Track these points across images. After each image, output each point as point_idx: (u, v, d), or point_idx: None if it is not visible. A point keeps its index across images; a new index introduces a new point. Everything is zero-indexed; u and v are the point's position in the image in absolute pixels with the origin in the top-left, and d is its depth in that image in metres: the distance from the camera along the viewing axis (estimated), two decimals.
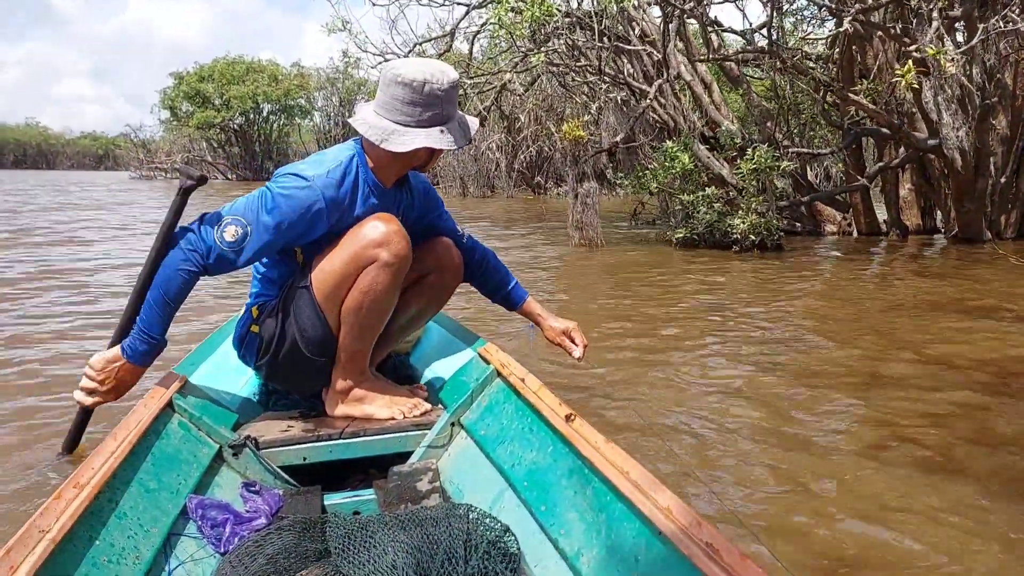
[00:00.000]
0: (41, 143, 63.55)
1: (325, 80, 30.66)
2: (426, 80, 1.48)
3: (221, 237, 1.42)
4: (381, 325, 1.59)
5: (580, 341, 1.77)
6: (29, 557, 0.87)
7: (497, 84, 9.08)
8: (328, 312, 1.53)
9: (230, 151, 33.32)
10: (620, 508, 1.07)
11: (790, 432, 2.15)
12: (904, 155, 7.98)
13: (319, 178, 1.48)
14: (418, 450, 1.56)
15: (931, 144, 7.08)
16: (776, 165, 6.83)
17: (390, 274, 1.49)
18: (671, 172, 7.26)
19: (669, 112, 8.10)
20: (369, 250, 1.47)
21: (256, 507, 1.28)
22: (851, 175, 8.54)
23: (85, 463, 1.09)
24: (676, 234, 7.33)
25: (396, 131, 1.49)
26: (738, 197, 7.10)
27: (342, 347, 1.56)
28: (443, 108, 1.52)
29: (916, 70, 5.08)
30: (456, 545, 1.14)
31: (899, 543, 1.51)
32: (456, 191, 18.42)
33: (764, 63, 7.98)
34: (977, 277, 5.39)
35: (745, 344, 3.25)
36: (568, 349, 1.78)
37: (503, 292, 1.84)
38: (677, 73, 7.81)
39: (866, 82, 7.21)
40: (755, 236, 6.80)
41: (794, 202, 8.15)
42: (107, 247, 6.83)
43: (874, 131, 7.87)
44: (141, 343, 1.43)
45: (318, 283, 1.52)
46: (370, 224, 1.49)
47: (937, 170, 8.13)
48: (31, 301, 4.08)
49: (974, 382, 2.65)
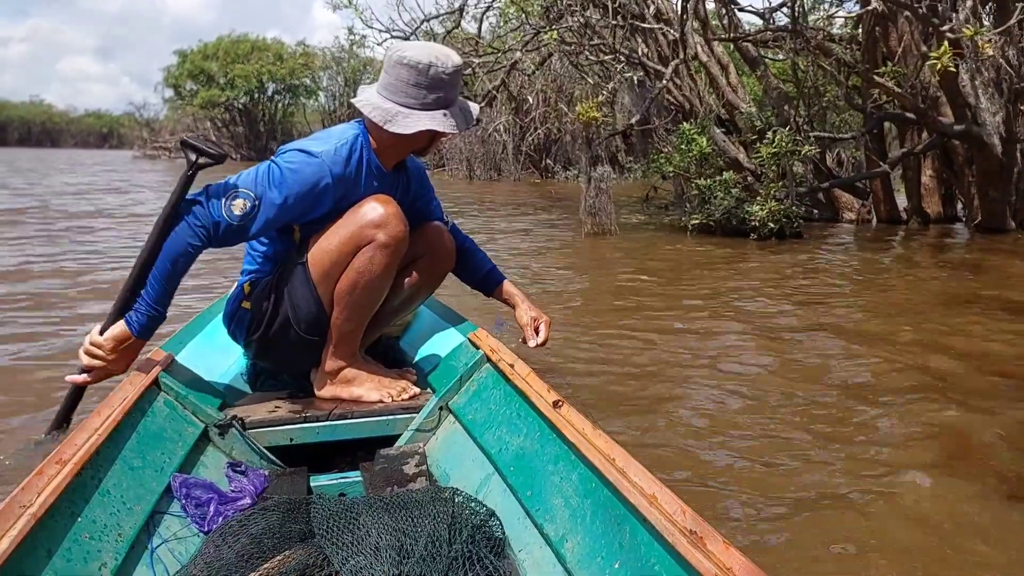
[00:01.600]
0: (45, 121, 64.10)
1: (330, 60, 30.62)
2: (432, 63, 1.51)
3: (229, 211, 1.44)
4: (374, 306, 1.62)
5: (543, 335, 1.79)
6: (10, 532, 0.89)
7: (506, 63, 9.03)
8: (322, 290, 1.56)
9: (234, 131, 33.40)
10: (605, 495, 1.09)
11: (828, 437, 2.06)
12: (928, 141, 7.87)
13: (327, 154, 1.51)
14: (406, 433, 1.58)
15: (958, 130, 6.97)
16: (797, 150, 6.72)
17: (386, 255, 1.52)
18: (688, 156, 7.17)
19: (685, 94, 8.03)
20: (366, 230, 1.50)
21: (241, 487, 1.31)
22: (872, 161, 8.44)
23: (68, 439, 1.12)
24: (691, 220, 7.21)
25: (400, 113, 1.52)
26: (756, 183, 7.03)
27: (334, 327, 1.59)
28: (447, 92, 1.55)
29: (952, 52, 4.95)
30: (440, 528, 1.16)
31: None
32: (462, 174, 18.39)
33: (786, 43, 7.86)
34: (1008, 269, 5.27)
35: (766, 339, 3.18)
36: (527, 336, 1.80)
37: (481, 275, 1.88)
38: (694, 53, 7.72)
39: (891, 64, 7.09)
40: (774, 224, 6.71)
41: (813, 188, 8.04)
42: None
43: (898, 116, 7.76)
44: (148, 318, 1.43)
45: (314, 261, 1.54)
46: (368, 205, 1.52)
47: (961, 157, 8.02)
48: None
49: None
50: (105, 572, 1.00)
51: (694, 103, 7.92)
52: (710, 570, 0.84)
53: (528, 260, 5.47)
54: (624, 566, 0.98)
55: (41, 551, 0.94)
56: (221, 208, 1.44)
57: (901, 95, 7.10)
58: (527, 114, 18.40)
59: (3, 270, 4.48)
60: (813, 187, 8.06)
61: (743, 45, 8.25)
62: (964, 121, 6.87)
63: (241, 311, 1.64)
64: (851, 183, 8.82)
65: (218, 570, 1.08)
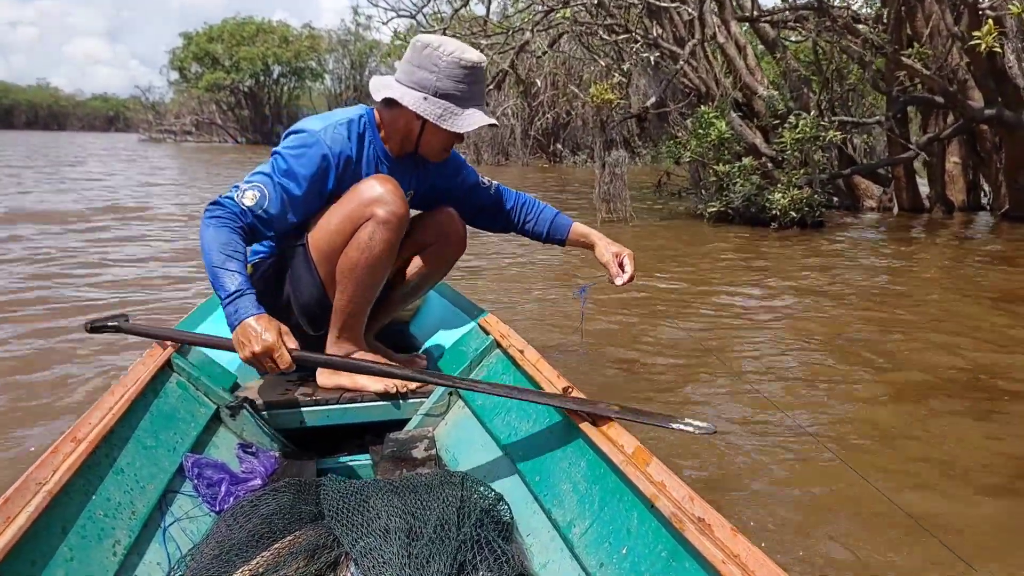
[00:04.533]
0: (52, 104, 64.71)
1: (336, 42, 30.60)
2: (479, 61, 1.56)
3: (242, 202, 1.49)
4: (377, 286, 1.62)
5: (629, 269, 1.76)
6: (26, 508, 0.93)
7: (516, 44, 8.98)
8: (323, 271, 1.58)
9: (240, 114, 33.53)
10: (613, 480, 1.11)
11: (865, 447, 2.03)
12: (955, 125, 7.75)
13: (324, 131, 1.55)
14: (415, 418, 1.62)
15: (988, 114, 6.84)
16: (821, 135, 6.58)
17: (387, 231, 1.53)
18: (705, 141, 7.05)
19: (701, 76, 7.94)
20: (365, 207, 1.52)
21: (252, 468, 1.34)
22: (897, 146, 8.29)
23: (83, 418, 1.15)
24: (709, 208, 7.12)
25: (449, 109, 1.55)
26: (776, 169, 6.93)
27: (336, 309, 1.60)
28: (483, 86, 1.61)
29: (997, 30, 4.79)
30: (449, 512, 1.19)
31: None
32: (470, 158, 18.41)
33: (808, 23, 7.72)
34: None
35: (792, 336, 3.16)
36: (612, 273, 1.76)
37: (548, 226, 1.85)
38: (712, 33, 7.63)
39: (917, 45, 6.96)
40: (795, 212, 6.61)
41: (835, 175, 7.91)
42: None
43: (925, 99, 7.65)
44: (246, 298, 1.39)
45: (314, 241, 1.57)
46: (366, 183, 1.55)
47: (988, 142, 7.89)
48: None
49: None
50: (118, 549, 1.04)
51: (710, 86, 7.83)
52: (717, 557, 0.85)
53: (540, 249, 5.45)
54: (631, 552, 1.00)
55: (56, 527, 0.98)
56: (236, 201, 1.49)
57: (930, 77, 6.95)
58: (535, 97, 18.32)
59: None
60: (835, 173, 7.93)
61: (761, 27, 8.15)
62: (994, 105, 6.74)
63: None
64: (876, 168, 8.66)
65: (229, 549, 1.11)
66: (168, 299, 3.45)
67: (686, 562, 0.91)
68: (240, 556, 1.10)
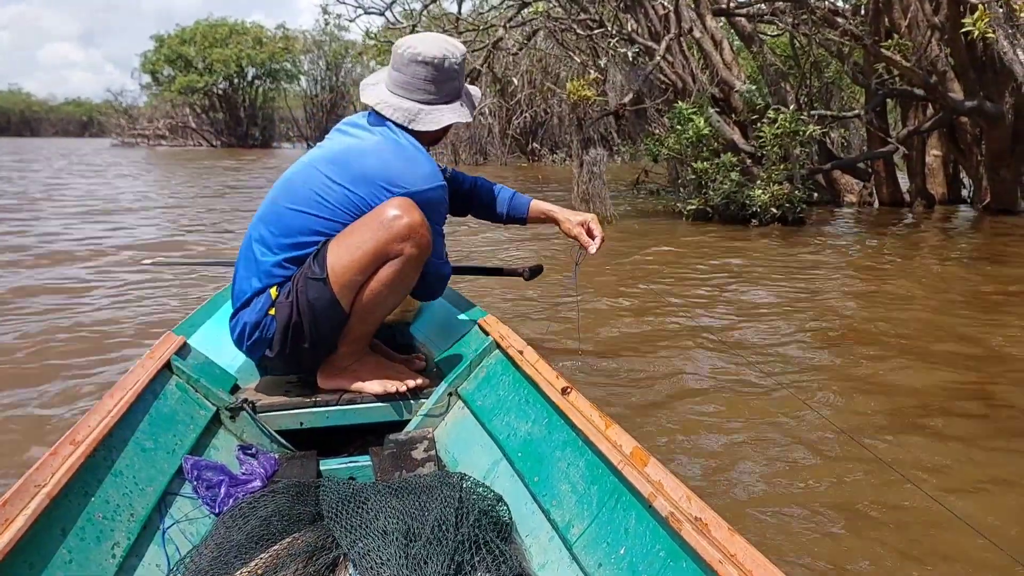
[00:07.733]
0: (24, 110, 63.72)
1: (311, 43, 30.43)
2: (445, 56, 1.55)
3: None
4: (392, 310, 1.64)
5: (598, 233, 1.78)
6: (25, 510, 0.93)
7: (488, 42, 8.95)
8: (345, 303, 1.51)
9: (214, 117, 33.18)
10: (612, 481, 1.13)
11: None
12: (935, 118, 7.77)
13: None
14: (415, 419, 1.63)
15: (969, 106, 6.84)
16: (801, 130, 6.60)
17: (413, 267, 1.51)
18: (683, 137, 7.02)
19: (677, 72, 7.94)
20: (394, 245, 1.45)
21: (252, 470, 1.35)
22: (876, 140, 8.29)
23: (82, 421, 1.15)
24: (688, 206, 7.10)
25: (422, 110, 1.56)
26: (755, 166, 6.94)
27: (349, 330, 1.57)
28: (459, 81, 1.61)
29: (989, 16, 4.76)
30: (447, 513, 1.19)
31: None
32: (447, 158, 18.37)
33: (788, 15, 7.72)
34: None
35: (781, 333, 3.15)
36: (584, 243, 1.79)
37: (508, 206, 1.88)
38: (689, 28, 7.64)
39: (897, 37, 6.97)
40: (776, 209, 6.62)
41: (815, 170, 7.88)
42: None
43: (904, 92, 7.64)
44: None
45: (336, 276, 1.47)
46: (392, 213, 1.46)
47: (969, 135, 7.97)
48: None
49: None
50: (117, 551, 1.04)
51: (687, 81, 7.81)
52: (714, 556, 0.87)
53: (519, 248, 5.43)
54: (629, 552, 1.01)
55: (55, 529, 0.98)
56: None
57: (910, 69, 6.95)
58: (512, 96, 18.35)
59: None
60: (815, 169, 7.90)
61: (738, 20, 8.17)
62: (975, 96, 6.76)
63: (267, 319, 1.54)
64: (856, 163, 8.63)
65: (228, 551, 1.12)
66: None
67: (684, 562, 0.93)
68: (239, 558, 1.11)
